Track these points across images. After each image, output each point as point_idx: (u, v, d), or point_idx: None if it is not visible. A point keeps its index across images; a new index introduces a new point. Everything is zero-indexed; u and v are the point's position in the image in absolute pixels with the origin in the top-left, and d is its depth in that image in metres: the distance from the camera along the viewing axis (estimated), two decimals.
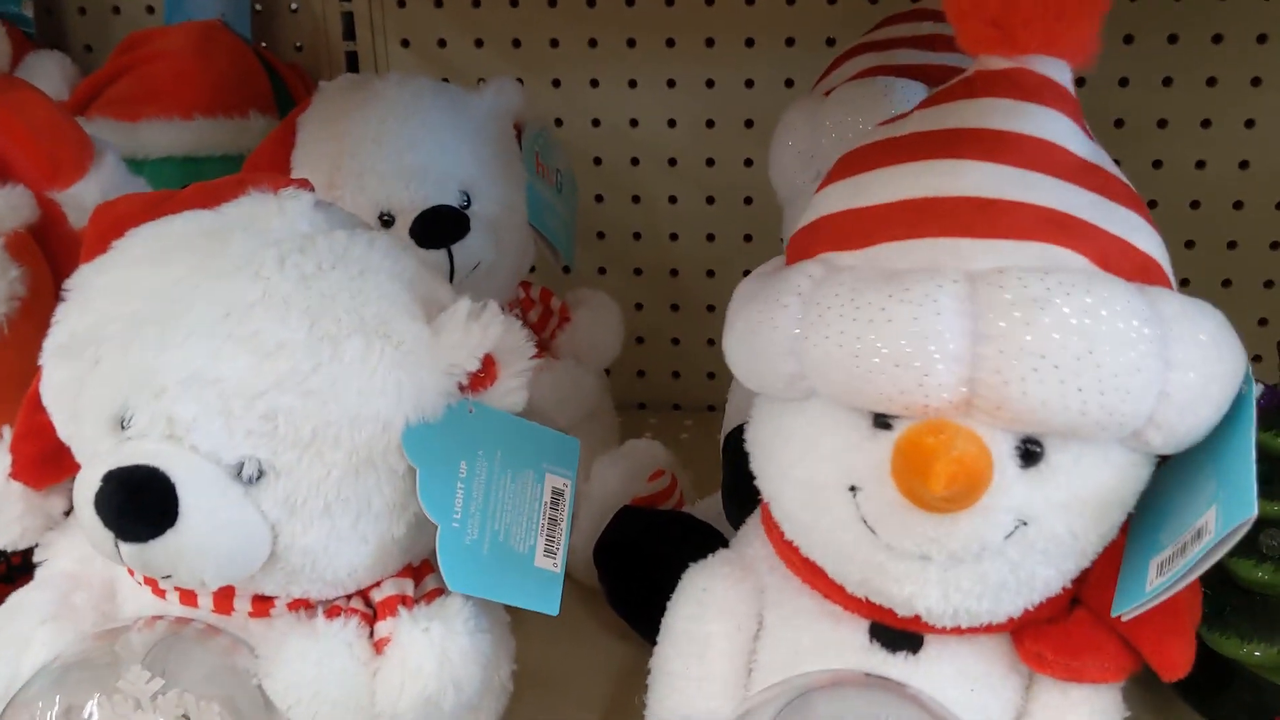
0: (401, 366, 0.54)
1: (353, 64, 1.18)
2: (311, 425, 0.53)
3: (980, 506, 0.48)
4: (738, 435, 0.79)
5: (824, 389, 0.52)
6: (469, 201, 0.83)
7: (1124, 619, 0.52)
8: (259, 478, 0.53)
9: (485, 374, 0.57)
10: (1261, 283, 1.09)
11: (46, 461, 0.61)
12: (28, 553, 0.65)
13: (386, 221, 0.81)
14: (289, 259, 0.54)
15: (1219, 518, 0.47)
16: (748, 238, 1.17)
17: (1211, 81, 1.04)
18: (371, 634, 0.57)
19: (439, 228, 0.79)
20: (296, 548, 0.54)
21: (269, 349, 0.52)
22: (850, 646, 0.57)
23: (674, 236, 1.19)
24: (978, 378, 0.48)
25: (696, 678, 0.59)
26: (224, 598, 0.57)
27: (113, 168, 0.77)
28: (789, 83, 1.11)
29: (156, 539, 0.51)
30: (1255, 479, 0.47)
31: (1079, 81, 1.06)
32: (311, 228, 0.57)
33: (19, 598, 0.60)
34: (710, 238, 1.18)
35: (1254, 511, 0.46)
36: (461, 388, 0.56)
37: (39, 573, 0.62)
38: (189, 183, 0.95)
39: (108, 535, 0.51)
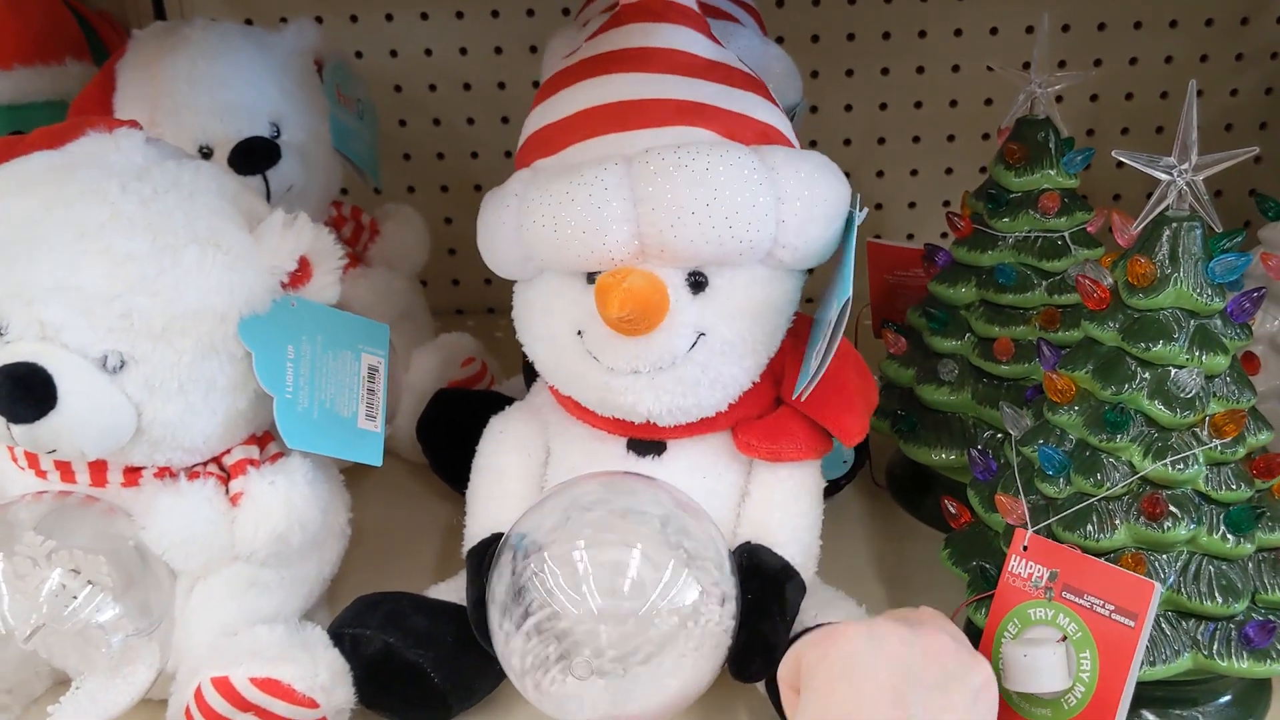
0: (232, 269, 0.66)
1: (159, 9, 1.25)
2: (161, 321, 0.64)
3: (665, 327, 0.65)
4: None
5: (544, 263, 0.68)
6: (278, 132, 0.93)
7: (800, 399, 0.69)
8: (122, 366, 0.65)
9: (302, 273, 0.69)
10: (978, 168, 1.28)
11: None
12: None
13: (205, 153, 0.91)
14: (129, 186, 0.65)
15: (835, 305, 0.65)
16: None
17: None
18: (227, 491, 0.70)
19: (253, 156, 0.90)
20: (158, 422, 0.66)
21: (120, 259, 0.63)
22: (613, 457, 0.73)
23: (474, 155, 1.31)
24: (642, 231, 0.64)
25: (499, 497, 0.75)
26: (99, 471, 0.69)
27: None
28: (565, 11, 1.24)
29: (41, 420, 0.62)
30: (852, 272, 0.65)
31: (814, 2, 1.21)
32: (145, 160, 0.68)
33: None
34: (508, 154, 1.31)
35: (849, 293, 0.64)
36: (284, 285, 0.69)
37: None
38: (15, 128, 1.04)
39: (0, 421, 0.63)
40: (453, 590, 0.74)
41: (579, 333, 0.68)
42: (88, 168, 0.66)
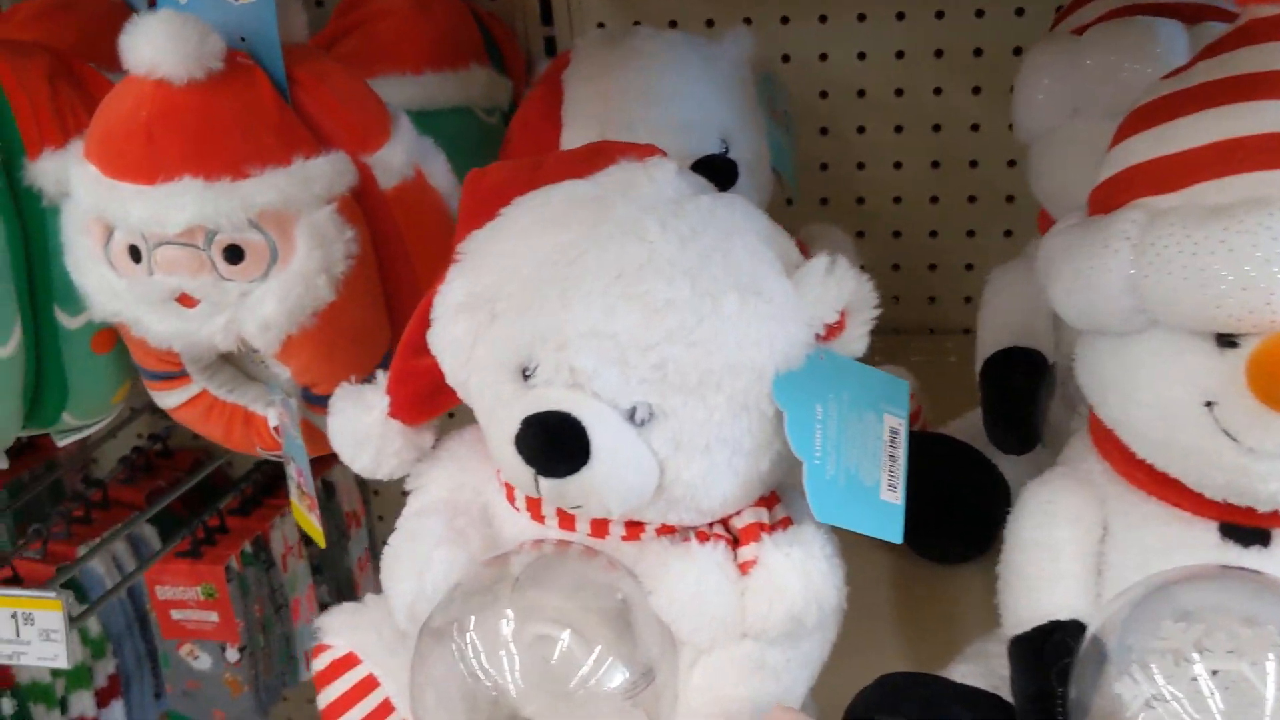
0: (772, 320, 0.59)
1: (545, 10, 1.22)
2: (696, 373, 0.58)
3: None
4: (994, 363, 0.84)
5: (1168, 319, 0.58)
6: (727, 148, 0.88)
7: None
8: (650, 420, 0.59)
9: (838, 324, 0.62)
10: None
11: (421, 402, 0.68)
12: None
13: None
14: (668, 223, 0.59)
15: None
16: (935, 164, 1.21)
17: None
18: (735, 557, 0.63)
19: (716, 175, 0.83)
20: (680, 481, 0.60)
21: (658, 305, 0.58)
22: (1202, 545, 0.62)
23: (860, 166, 1.23)
24: None
25: (1050, 578, 0.65)
26: (600, 523, 0.64)
27: (408, 130, 0.82)
28: (979, 13, 1.14)
29: (573, 475, 0.57)
30: None
31: None
32: (678, 194, 0.62)
33: (414, 524, 0.67)
34: (898, 165, 1.22)
35: None
36: (817, 337, 0.62)
37: (418, 501, 0.70)
38: (423, 133, 1.01)
39: (528, 471, 0.58)
40: (977, 673, 0.66)
41: (1207, 404, 0.58)
42: (622, 202, 0.61)
